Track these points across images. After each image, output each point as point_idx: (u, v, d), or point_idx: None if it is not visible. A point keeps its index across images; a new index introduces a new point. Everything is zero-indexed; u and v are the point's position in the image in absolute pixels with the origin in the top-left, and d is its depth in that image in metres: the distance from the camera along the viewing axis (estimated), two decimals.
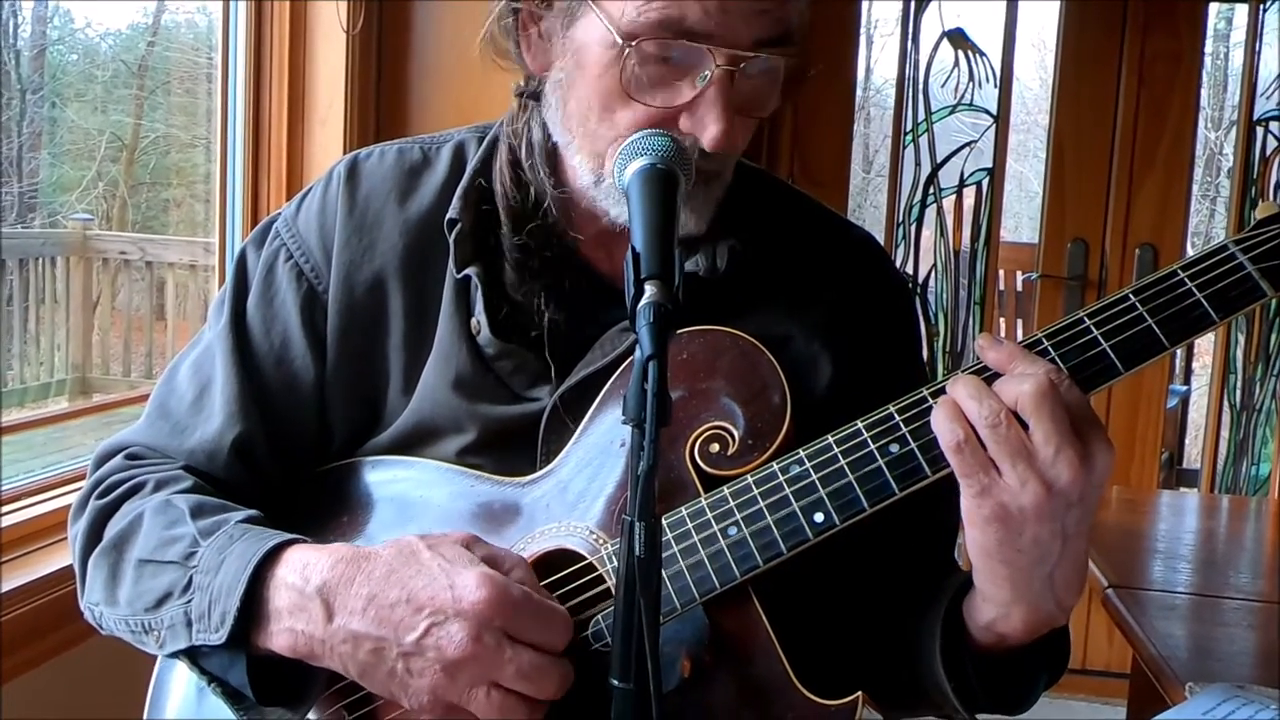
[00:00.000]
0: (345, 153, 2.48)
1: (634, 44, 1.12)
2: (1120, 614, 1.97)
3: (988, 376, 1.06)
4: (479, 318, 1.24)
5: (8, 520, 1.96)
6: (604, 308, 1.24)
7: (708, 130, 1.13)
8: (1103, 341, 1.08)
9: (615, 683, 0.92)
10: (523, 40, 1.23)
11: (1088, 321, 1.09)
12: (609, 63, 1.14)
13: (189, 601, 1.15)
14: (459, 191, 1.27)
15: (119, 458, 1.31)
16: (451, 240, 1.25)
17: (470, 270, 1.24)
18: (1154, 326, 1.08)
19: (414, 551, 1.09)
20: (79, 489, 1.32)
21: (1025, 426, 1.02)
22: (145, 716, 1.32)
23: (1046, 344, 1.09)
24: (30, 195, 4.66)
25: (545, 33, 1.21)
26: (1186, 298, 1.08)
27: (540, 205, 1.25)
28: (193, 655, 1.17)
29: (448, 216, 1.26)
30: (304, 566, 1.11)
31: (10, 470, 2.11)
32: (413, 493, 1.25)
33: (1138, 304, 1.09)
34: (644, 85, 1.14)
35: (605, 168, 1.17)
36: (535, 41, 1.22)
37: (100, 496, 1.27)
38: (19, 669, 1.80)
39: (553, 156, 1.25)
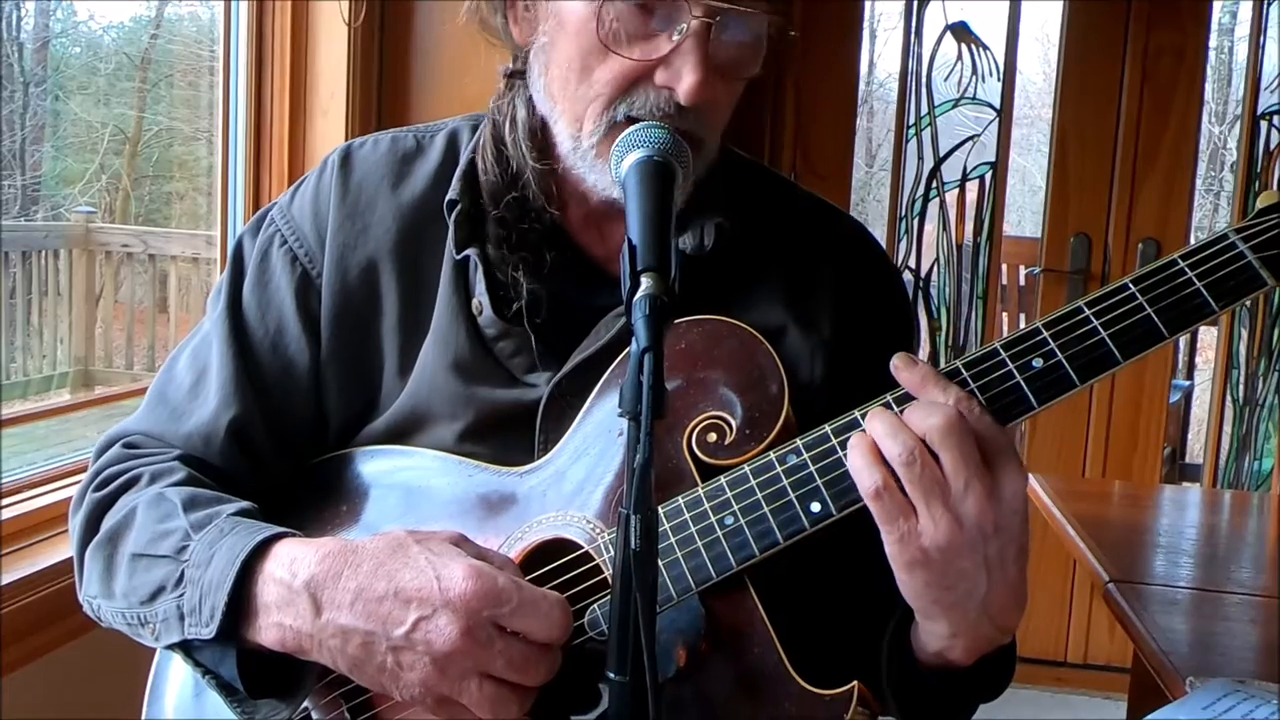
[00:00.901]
0: None
1: None
2: (1121, 608, 1.97)
3: (902, 409, 1.07)
4: (481, 298, 1.24)
5: (10, 512, 1.96)
6: (599, 293, 1.24)
7: (683, 81, 1.13)
8: (1101, 331, 1.08)
9: (611, 675, 0.92)
10: (510, 14, 1.24)
11: (1086, 311, 1.09)
12: (586, 18, 1.15)
13: (181, 595, 1.15)
14: (458, 173, 1.28)
15: (117, 448, 1.32)
16: (451, 221, 1.25)
17: (470, 251, 1.24)
18: (1153, 315, 1.08)
19: (401, 545, 1.09)
20: (80, 481, 1.32)
21: (936, 458, 1.03)
22: (144, 710, 1.32)
23: (1046, 333, 1.09)
24: (33, 188, 4.66)
25: (531, 2, 1.22)
26: (1186, 287, 1.08)
27: (519, 179, 1.25)
28: (187, 648, 1.17)
29: (447, 198, 1.26)
30: (291, 561, 1.11)
31: (13, 462, 2.11)
32: (411, 482, 1.25)
33: (1137, 293, 1.09)
34: (621, 39, 1.14)
35: (583, 130, 1.18)
36: (521, 14, 1.23)
37: (97, 489, 1.27)
38: (19, 662, 1.80)
39: (540, 133, 1.25)
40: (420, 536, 1.10)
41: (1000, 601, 1.07)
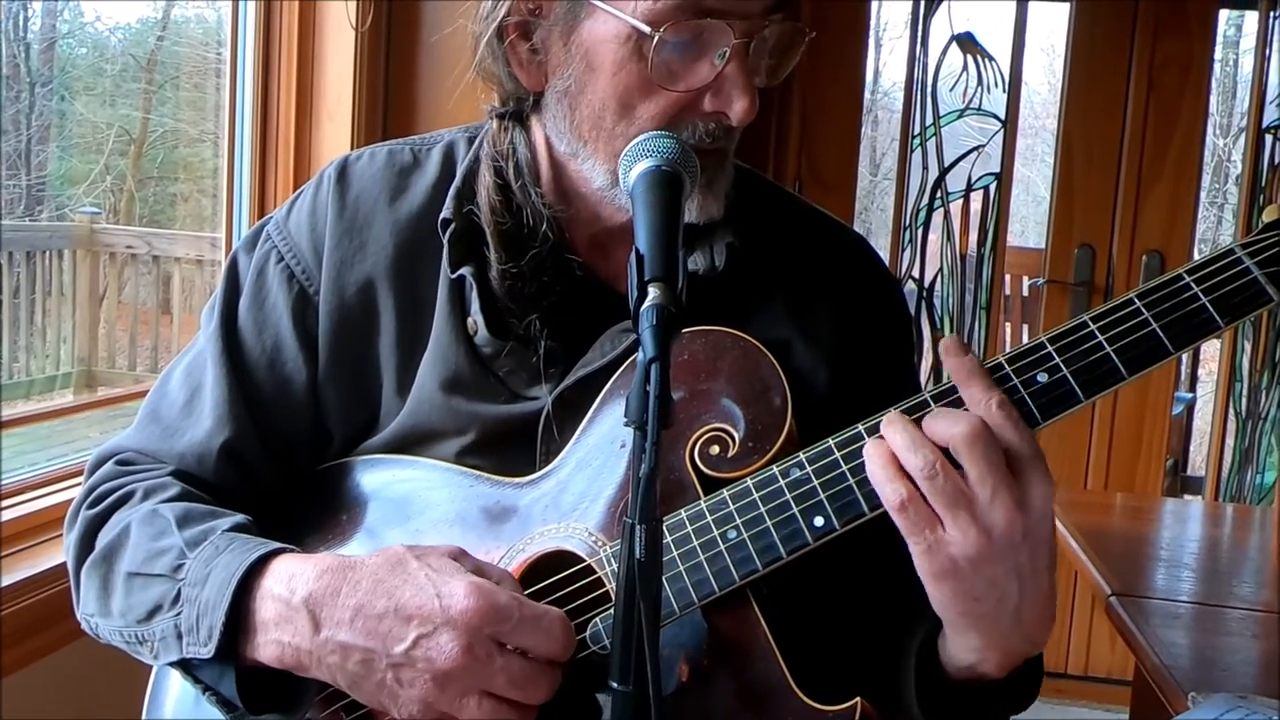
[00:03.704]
0: (353, 149, 2.48)
1: (660, 31, 1.11)
2: (1123, 621, 1.97)
3: (917, 418, 1.06)
4: (475, 318, 1.23)
5: (11, 514, 1.96)
6: (602, 310, 1.24)
7: (735, 105, 1.13)
8: (1106, 346, 1.08)
9: (614, 685, 0.91)
10: (512, 59, 1.21)
11: (1091, 325, 1.08)
12: (626, 58, 1.13)
13: (178, 614, 1.15)
14: (452, 191, 1.27)
15: (110, 464, 1.30)
16: (446, 240, 1.24)
17: (465, 270, 1.23)
18: (1158, 330, 1.07)
19: (401, 561, 1.08)
20: (75, 497, 1.31)
21: (960, 468, 1.02)
22: (144, 713, 1.31)
23: (1050, 348, 1.08)
24: (38, 188, 4.67)
25: (541, 45, 1.19)
26: (1191, 302, 1.08)
27: (536, 230, 1.24)
28: (186, 665, 1.17)
29: (441, 216, 1.25)
30: (290, 577, 1.10)
31: (16, 462, 2.11)
32: (411, 493, 1.25)
33: (1142, 308, 1.08)
34: (666, 74, 1.13)
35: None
36: (528, 57, 1.21)
37: (90, 506, 1.27)
38: (20, 663, 1.80)
39: (552, 171, 1.25)
40: (419, 552, 1.10)
41: (1033, 612, 1.06)
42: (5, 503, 1.98)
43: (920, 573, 1.04)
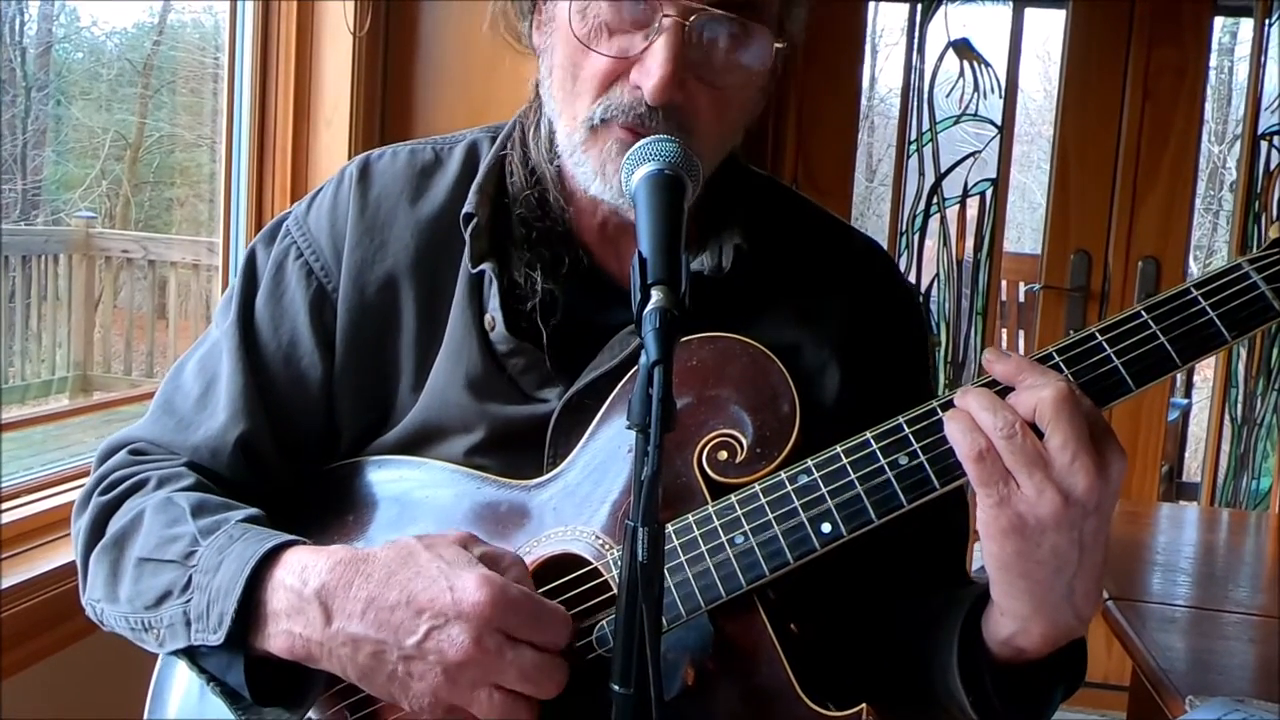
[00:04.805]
0: (351, 154, 2.49)
1: None
2: (1120, 626, 1.97)
3: (997, 391, 1.06)
4: (494, 313, 1.24)
5: (8, 517, 1.96)
6: (613, 310, 1.24)
7: (651, 78, 1.12)
8: (1115, 359, 1.08)
9: (616, 688, 0.91)
10: (535, 20, 1.25)
11: (1100, 337, 1.09)
12: (573, 16, 1.16)
13: (188, 601, 1.15)
14: (475, 186, 1.27)
15: (123, 453, 1.31)
16: (468, 235, 1.25)
17: (485, 265, 1.24)
18: (1166, 344, 1.08)
19: (412, 553, 1.09)
20: (79, 486, 1.32)
21: (1039, 436, 1.02)
22: (146, 713, 1.31)
23: (1058, 359, 1.08)
24: (34, 192, 4.67)
25: (549, 10, 1.23)
26: (1199, 316, 1.08)
27: (539, 178, 1.26)
28: (192, 654, 1.17)
29: (464, 211, 1.26)
30: (302, 569, 1.11)
31: (11, 467, 2.11)
32: (418, 493, 1.25)
33: (1150, 321, 1.08)
34: (601, 37, 1.15)
35: (574, 128, 1.18)
36: (543, 22, 1.24)
37: (103, 493, 1.27)
38: (19, 665, 1.80)
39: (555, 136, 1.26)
40: (429, 542, 1.10)
41: (1084, 585, 1.06)
42: (3, 506, 1.98)
43: (984, 527, 1.04)
